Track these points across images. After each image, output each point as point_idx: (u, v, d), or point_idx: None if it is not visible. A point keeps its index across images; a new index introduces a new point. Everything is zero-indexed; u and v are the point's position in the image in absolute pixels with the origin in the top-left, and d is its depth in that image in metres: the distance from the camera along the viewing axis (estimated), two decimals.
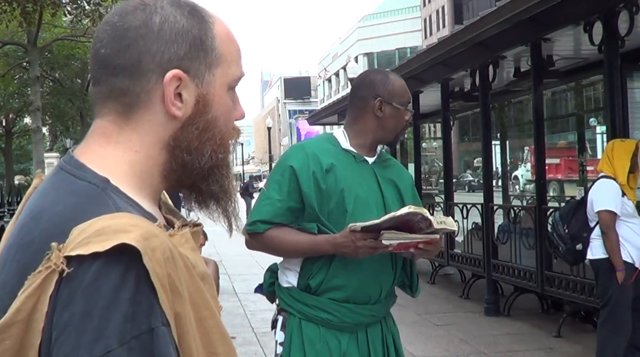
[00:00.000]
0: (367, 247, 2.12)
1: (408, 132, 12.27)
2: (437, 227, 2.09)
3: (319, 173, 2.26)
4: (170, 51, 0.91)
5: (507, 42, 6.96)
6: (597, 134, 11.48)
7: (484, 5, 29.86)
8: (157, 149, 0.93)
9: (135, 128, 0.92)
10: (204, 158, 0.95)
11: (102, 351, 0.74)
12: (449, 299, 8.61)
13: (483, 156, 8.12)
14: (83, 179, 0.87)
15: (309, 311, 2.28)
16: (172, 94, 0.91)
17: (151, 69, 0.90)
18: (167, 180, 0.96)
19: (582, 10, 5.81)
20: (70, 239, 0.77)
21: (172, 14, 0.92)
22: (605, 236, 4.69)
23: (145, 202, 0.91)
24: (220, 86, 0.96)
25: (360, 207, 2.26)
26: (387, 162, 2.49)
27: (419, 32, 64.11)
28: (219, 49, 0.95)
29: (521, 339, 6.50)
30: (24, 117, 29.61)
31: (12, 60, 22.99)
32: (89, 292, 0.75)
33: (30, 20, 14.22)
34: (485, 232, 7.80)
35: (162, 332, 0.77)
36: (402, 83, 2.46)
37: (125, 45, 0.90)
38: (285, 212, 2.27)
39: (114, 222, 0.78)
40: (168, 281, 0.79)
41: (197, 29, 0.93)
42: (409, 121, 2.49)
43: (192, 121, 0.93)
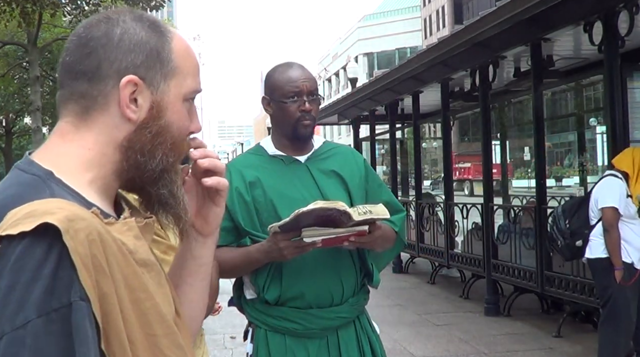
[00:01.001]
0: (291, 247, 2.02)
1: (408, 132, 12.29)
2: (358, 218, 1.97)
3: (242, 188, 2.22)
4: (128, 59, 1.00)
5: (507, 42, 6.96)
6: (597, 134, 11.49)
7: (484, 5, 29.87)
8: (111, 149, 1.01)
9: (90, 128, 1.00)
10: (155, 160, 1.03)
11: (22, 321, 0.79)
12: (449, 299, 8.61)
13: (483, 156, 8.12)
14: (28, 172, 0.95)
15: (274, 322, 2.22)
16: (127, 98, 1.00)
17: (109, 75, 1.00)
18: (120, 179, 1.03)
19: (582, 10, 5.81)
20: (3, 222, 0.85)
21: (132, 27, 1.02)
22: (607, 234, 4.68)
23: (94, 195, 0.98)
24: (175, 96, 1.05)
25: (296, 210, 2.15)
26: (329, 152, 2.38)
27: (419, 32, 64.10)
28: (175, 62, 1.05)
29: (521, 339, 6.50)
30: (24, 117, 29.60)
31: (12, 60, 22.98)
32: (14, 268, 0.81)
33: (30, 20, 14.20)
34: (485, 232, 7.80)
35: (80, 306, 0.83)
36: (285, 74, 2.27)
37: (87, 53, 1.00)
38: (220, 233, 2.19)
39: (43, 206, 0.86)
40: (92, 260, 0.85)
41: (155, 41, 1.03)
42: (303, 109, 2.25)
43: (146, 125, 1.02)
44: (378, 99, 11.31)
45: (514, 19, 6.16)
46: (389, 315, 7.52)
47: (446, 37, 7.83)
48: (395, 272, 10.91)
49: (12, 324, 0.80)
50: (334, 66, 75.22)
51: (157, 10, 15.78)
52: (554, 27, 6.29)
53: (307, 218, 1.94)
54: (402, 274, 10.86)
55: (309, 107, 2.25)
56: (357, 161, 2.41)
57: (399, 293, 9.05)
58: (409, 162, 12.35)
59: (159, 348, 0.93)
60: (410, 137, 11.56)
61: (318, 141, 2.39)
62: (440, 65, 8.30)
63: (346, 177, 2.32)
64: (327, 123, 17.58)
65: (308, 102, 2.25)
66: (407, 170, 12.59)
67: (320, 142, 2.40)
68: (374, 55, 66.41)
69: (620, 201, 4.66)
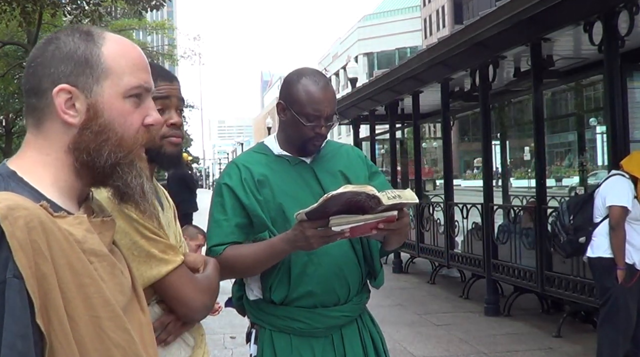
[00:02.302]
0: (318, 236, 1.94)
1: (408, 132, 12.29)
2: (388, 202, 1.88)
3: (252, 185, 2.20)
4: (59, 70, 1.12)
5: (507, 42, 6.96)
6: (597, 134, 11.48)
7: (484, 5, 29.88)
8: (63, 153, 1.13)
9: (45, 136, 1.13)
10: (102, 158, 1.13)
11: None
12: (449, 299, 8.61)
13: (483, 156, 8.12)
14: None
15: (279, 322, 2.22)
16: (62, 105, 1.11)
17: (48, 87, 1.12)
18: (81, 179, 1.15)
19: (582, 10, 5.81)
20: None
21: (63, 41, 1.14)
22: (613, 232, 4.68)
23: (55, 194, 1.10)
24: (111, 95, 1.14)
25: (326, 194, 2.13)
26: (334, 152, 2.36)
27: (419, 32, 64.10)
28: (106, 64, 1.14)
29: (521, 339, 6.50)
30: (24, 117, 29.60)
31: (12, 60, 22.98)
32: None
33: (30, 20, 14.20)
34: (485, 232, 7.80)
35: (13, 282, 0.94)
36: (311, 92, 2.18)
37: (31, 73, 1.14)
38: (234, 230, 2.18)
39: None
40: (32, 245, 0.96)
41: (83, 49, 1.13)
42: (318, 133, 2.20)
43: (86, 126, 1.13)
44: (378, 99, 11.31)
45: (514, 19, 6.17)
46: (389, 315, 7.52)
47: (446, 37, 7.83)
48: (395, 272, 10.92)
49: None
50: (334, 66, 75.18)
51: (157, 10, 15.76)
52: (554, 27, 6.30)
53: (335, 204, 1.86)
54: (402, 274, 10.86)
55: (324, 132, 2.22)
56: (360, 160, 2.41)
57: (399, 293, 9.05)
58: (409, 162, 12.35)
59: (102, 329, 1.03)
60: (410, 137, 11.56)
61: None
62: (440, 65, 8.30)
63: (351, 177, 2.31)
64: None
65: (324, 127, 2.21)
66: (407, 170, 12.59)
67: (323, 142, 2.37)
68: (374, 55, 66.40)
69: (629, 200, 4.66)
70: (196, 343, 1.73)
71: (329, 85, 2.24)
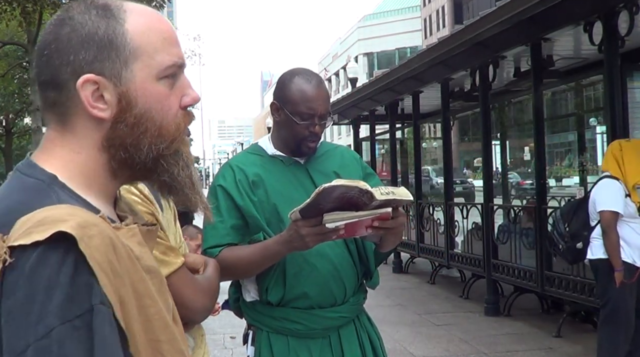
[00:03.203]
0: (313, 234, 1.91)
1: (408, 132, 12.29)
2: (381, 198, 1.86)
3: (246, 186, 2.20)
4: (79, 58, 0.94)
5: (507, 42, 6.96)
6: (597, 134, 11.47)
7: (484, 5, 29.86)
8: (96, 150, 0.98)
9: (73, 133, 0.97)
10: (142, 153, 0.98)
11: (45, 329, 0.78)
12: (449, 299, 8.61)
13: (483, 156, 8.12)
14: (32, 177, 0.93)
15: (276, 324, 2.21)
16: (89, 98, 0.95)
17: (68, 79, 0.95)
18: (118, 178, 1.01)
19: (582, 10, 5.81)
20: (13, 230, 0.83)
21: (79, 21, 0.96)
22: (605, 236, 4.68)
23: (94, 198, 0.96)
24: (144, 79, 0.97)
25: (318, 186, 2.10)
26: (328, 153, 2.35)
27: (419, 32, 64.09)
28: (134, 43, 0.96)
29: (521, 339, 6.50)
30: (24, 117, 29.60)
31: (12, 60, 22.99)
32: (30, 278, 0.80)
33: (30, 20, 14.22)
34: (485, 232, 7.80)
35: (100, 310, 0.82)
36: (304, 90, 2.17)
37: (45, 62, 0.96)
38: (230, 232, 2.17)
39: (53, 213, 0.84)
40: (110, 266, 0.84)
41: (104, 28, 0.95)
42: (312, 131, 2.19)
43: (120, 119, 0.97)
44: (378, 99, 11.31)
45: (514, 19, 6.17)
46: (389, 315, 7.52)
47: (446, 37, 7.83)
48: (395, 272, 10.92)
49: (35, 334, 0.78)
50: (334, 66, 75.17)
51: (157, 10, 15.78)
52: (554, 27, 6.29)
53: (327, 200, 1.85)
54: (402, 274, 10.86)
55: (318, 130, 2.21)
56: (356, 162, 2.40)
57: (399, 293, 9.05)
58: (409, 162, 12.35)
59: (161, 354, 0.92)
60: (410, 137, 11.56)
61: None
62: (440, 65, 8.30)
63: (345, 178, 2.25)
64: None
65: (319, 125, 2.20)
66: (407, 170, 12.59)
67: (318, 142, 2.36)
68: (374, 55, 66.42)
69: (618, 203, 4.66)
70: (196, 343, 1.73)
71: (322, 83, 2.24)
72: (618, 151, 4.80)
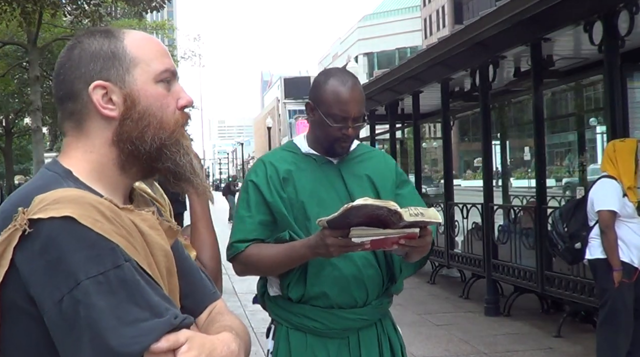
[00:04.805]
0: (338, 245, 1.93)
1: (408, 132, 12.30)
2: (409, 219, 1.86)
3: (277, 182, 2.22)
4: (89, 69, 1.16)
5: (507, 42, 6.96)
6: (597, 134, 11.47)
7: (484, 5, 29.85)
8: (107, 147, 1.17)
9: (87, 135, 1.17)
10: (146, 143, 1.17)
11: (74, 282, 0.98)
12: (449, 299, 8.61)
13: (483, 156, 8.12)
14: (51, 170, 1.15)
15: (295, 320, 2.23)
16: (100, 100, 1.15)
17: (82, 88, 1.16)
18: (127, 172, 1.19)
19: (582, 10, 5.81)
20: (32, 206, 1.02)
21: (86, 43, 1.18)
22: (603, 236, 4.69)
23: (103, 189, 1.14)
24: (144, 82, 1.18)
25: (325, 211, 2.09)
26: (363, 156, 2.35)
27: (419, 32, 64.10)
28: (132, 54, 1.18)
29: (521, 339, 6.50)
30: (24, 117, 29.60)
31: (12, 60, 22.96)
32: (55, 244, 0.99)
33: (30, 20, 14.19)
34: (485, 232, 7.80)
35: (127, 267, 1.02)
36: (338, 92, 2.16)
37: (61, 80, 1.18)
38: (257, 227, 2.20)
39: (67, 194, 1.04)
40: (118, 231, 1.03)
41: (107, 45, 1.18)
42: (345, 133, 2.19)
43: (126, 116, 1.16)
44: (378, 99, 11.31)
45: (514, 19, 6.17)
46: None
47: (446, 37, 7.83)
48: None
49: (68, 286, 0.98)
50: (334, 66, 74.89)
51: (157, 10, 15.76)
52: (554, 27, 6.30)
53: (355, 215, 1.85)
54: None
55: (351, 133, 2.21)
56: (390, 167, 2.38)
57: (399, 293, 9.04)
58: (409, 162, 12.35)
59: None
60: (410, 137, 11.56)
61: (353, 143, 2.34)
62: (440, 65, 8.30)
63: (378, 183, 2.29)
64: None
65: (352, 128, 2.19)
66: (406, 170, 12.60)
67: (354, 144, 2.35)
68: (374, 55, 66.44)
69: (616, 203, 4.66)
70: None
71: (356, 86, 2.22)
72: (612, 152, 4.82)
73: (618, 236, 4.67)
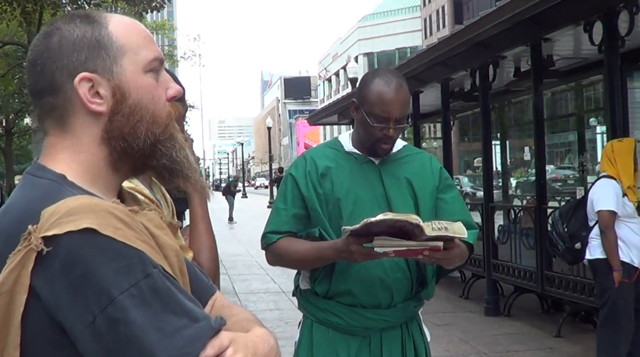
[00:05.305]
0: (361, 252, 1.96)
1: (408, 132, 12.30)
2: (432, 234, 1.87)
3: (315, 177, 2.25)
4: (73, 60, 1.03)
5: (507, 42, 6.96)
6: (597, 134, 11.46)
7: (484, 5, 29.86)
8: (96, 146, 1.06)
9: (73, 134, 1.05)
10: (140, 140, 1.06)
11: (106, 301, 0.88)
12: (449, 299, 8.61)
13: (483, 156, 8.12)
14: (43, 177, 1.02)
15: (320, 314, 2.27)
16: (87, 94, 1.03)
17: (64, 81, 1.03)
18: (119, 171, 1.09)
19: (582, 10, 5.81)
20: (42, 221, 0.91)
21: (66, 29, 1.05)
22: (603, 236, 4.69)
23: (100, 193, 1.04)
24: (133, 72, 1.06)
25: (360, 210, 2.16)
26: (407, 158, 2.35)
27: (419, 32, 64.09)
28: (119, 42, 1.06)
29: (521, 339, 6.50)
30: (24, 117, 29.60)
31: (12, 60, 22.96)
32: (78, 260, 0.89)
33: (31, 20, 14.21)
34: (485, 232, 7.79)
35: (156, 274, 0.93)
36: (381, 93, 2.18)
37: (39, 71, 1.05)
38: (290, 220, 2.25)
39: (79, 202, 0.93)
40: (141, 237, 0.95)
41: (91, 32, 1.05)
42: (386, 134, 2.20)
43: (116, 111, 1.05)
44: None
45: (514, 19, 6.16)
46: None
47: (446, 37, 7.83)
48: None
49: (99, 305, 0.88)
50: (334, 66, 75.17)
51: (157, 10, 15.78)
52: (554, 27, 6.29)
53: (377, 227, 1.88)
54: None
55: (392, 134, 2.21)
56: (434, 170, 2.36)
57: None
58: None
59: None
60: (410, 137, 11.56)
61: (398, 144, 2.35)
62: (440, 65, 8.30)
63: (417, 186, 2.29)
64: (327, 123, 17.58)
65: (393, 129, 2.20)
66: None
67: (400, 145, 2.36)
68: (374, 55, 66.45)
69: (616, 203, 4.66)
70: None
71: (401, 87, 2.23)
72: (610, 153, 4.83)
73: (618, 236, 4.67)
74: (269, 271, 10.63)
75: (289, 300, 8.39)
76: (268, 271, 10.67)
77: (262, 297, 8.84)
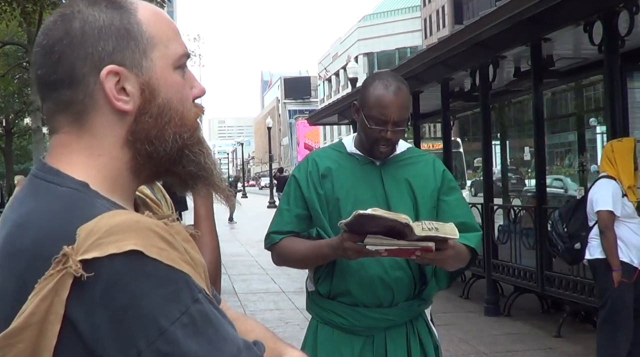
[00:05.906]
0: (354, 249, 1.97)
1: (408, 132, 12.30)
2: (421, 234, 1.87)
3: (315, 178, 2.29)
4: (99, 50, 0.90)
5: (507, 42, 6.96)
6: (597, 134, 11.47)
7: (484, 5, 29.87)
8: (119, 148, 0.93)
9: (92, 133, 0.92)
10: (167, 144, 0.94)
11: (157, 332, 0.78)
12: (449, 299, 8.60)
13: (483, 156, 8.12)
14: (63, 185, 0.88)
15: (324, 315, 2.29)
16: (113, 90, 0.90)
17: (86, 73, 0.90)
18: (139, 177, 0.96)
19: (582, 10, 5.81)
20: (79, 241, 0.79)
21: (90, 14, 0.91)
22: (603, 236, 4.69)
23: (120, 203, 0.92)
24: (163, 68, 0.94)
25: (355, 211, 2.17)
26: (409, 160, 2.36)
27: (419, 32, 64.10)
28: (149, 32, 0.94)
29: (521, 339, 6.50)
30: (24, 117, 29.61)
31: (12, 60, 22.99)
32: (122, 287, 0.78)
33: (30, 20, 14.22)
34: (485, 232, 7.79)
35: (202, 298, 0.83)
36: (379, 96, 2.19)
37: (56, 59, 0.90)
38: (293, 220, 2.29)
39: (118, 220, 0.81)
40: (183, 258, 0.84)
41: (119, 19, 0.92)
42: (384, 137, 2.21)
43: (144, 111, 0.93)
44: None
45: (514, 19, 6.16)
46: None
47: (446, 37, 7.83)
48: None
49: (147, 339, 0.78)
50: (334, 66, 75.18)
51: None
52: (554, 27, 6.29)
53: (368, 222, 1.90)
54: None
55: (390, 137, 2.22)
56: (436, 172, 2.35)
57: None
58: None
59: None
60: (410, 137, 11.56)
61: (402, 146, 2.37)
62: (440, 65, 8.30)
63: (416, 187, 2.30)
64: (327, 123, 17.59)
65: (391, 132, 2.21)
66: None
67: (404, 147, 2.38)
68: (374, 55, 66.46)
69: (615, 204, 4.66)
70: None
71: (400, 90, 2.24)
72: (610, 153, 4.83)
73: (617, 236, 4.67)
74: (269, 271, 10.63)
75: (289, 300, 8.40)
76: (268, 271, 10.68)
77: (262, 297, 8.84)
